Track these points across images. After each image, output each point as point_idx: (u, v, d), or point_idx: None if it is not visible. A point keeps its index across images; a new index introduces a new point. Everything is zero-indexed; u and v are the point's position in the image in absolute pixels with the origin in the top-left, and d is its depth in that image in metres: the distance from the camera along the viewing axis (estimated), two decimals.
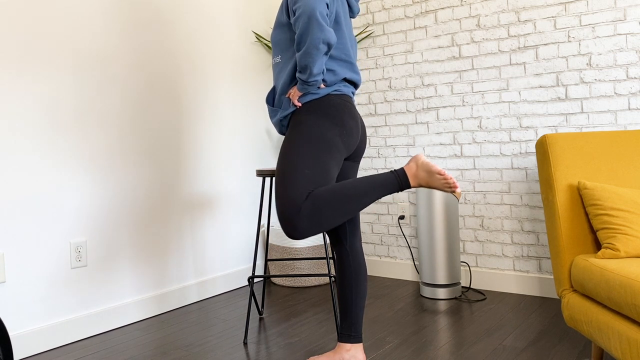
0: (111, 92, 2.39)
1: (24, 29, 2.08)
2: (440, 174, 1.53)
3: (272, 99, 1.82)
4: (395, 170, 1.60)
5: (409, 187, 1.57)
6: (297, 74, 1.63)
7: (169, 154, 2.65)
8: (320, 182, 1.57)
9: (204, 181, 2.83)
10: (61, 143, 2.20)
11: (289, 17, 1.71)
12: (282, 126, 1.78)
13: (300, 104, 1.68)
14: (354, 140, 1.71)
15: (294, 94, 1.68)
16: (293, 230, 1.53)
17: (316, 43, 1.55)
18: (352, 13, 1.85)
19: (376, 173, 1.57)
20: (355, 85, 1.80)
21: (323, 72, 1.63)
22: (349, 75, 1.75)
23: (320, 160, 1.60)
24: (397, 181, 1.56)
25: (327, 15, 1.59)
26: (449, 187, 1.54)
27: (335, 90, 1.70)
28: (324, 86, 1.69)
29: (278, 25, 1.76)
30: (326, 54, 1.59)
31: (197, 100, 2.81)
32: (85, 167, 2.28)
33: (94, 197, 2.31)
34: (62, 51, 2.20)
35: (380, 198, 1.55)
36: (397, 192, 1.57)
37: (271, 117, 1.80)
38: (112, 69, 2.40)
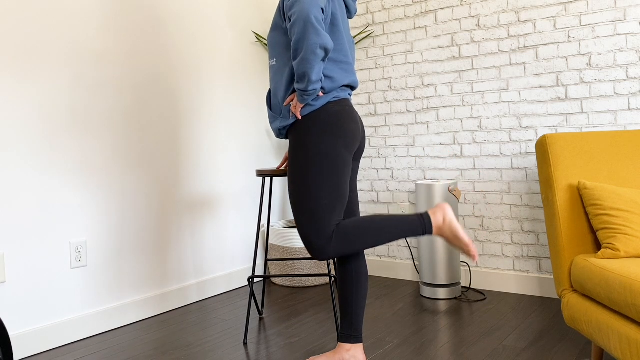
0: (110, 92, 2.39)
1: (18, 29, 2.09)
2: (466, 245, 1.60)
3: (270, 103, 1.80)
4: (422, 215, 1.63)
5: (430, 234, 1.63)
6: (296, 85, 1.60)
7: (169, 154, 2.65)
8: (340, 207, 1.64)
9: (204, 181, 2.84)
10: (61, 143, 2.20)
11: (284, 21, 1.69)
12: (281, 134, 1.77)
13: (300, 117, 1.66)
14: (357, 142, 1.72)
15: (296, 106, 1.65)
16: (321, 256, 1.62)
17: (313, 48, 1.53)
18: (350, 13, 1.84)
19: (404, 214, 1.64)
20: (352, 88, 1.79)
21: (321, 80, 1.61)
22: (348, 80, 1.73)
23: (332, 183, 1.62)
24: (422, 229, 1.62)
25: (322, 20, 1.57)
26: (468, 255, 1.62)
27: (333, 98, 1.68)
28: (322, 94, 1.67)
29: (275, 27, 1.74)
30: (323, 60, 1.57)
31: (197, 100, 2.81)
32: (85, 167, 2.28)
33: (94, 197, 2.31)
34: (59, 53, 2.20)
35: (408, 237, 1.63)
36: (423, 236, 1.64)
37: (270, 121, 1.79)
38: (111, 69, 2.40)
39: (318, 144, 1.63)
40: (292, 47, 1.58)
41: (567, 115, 2.55)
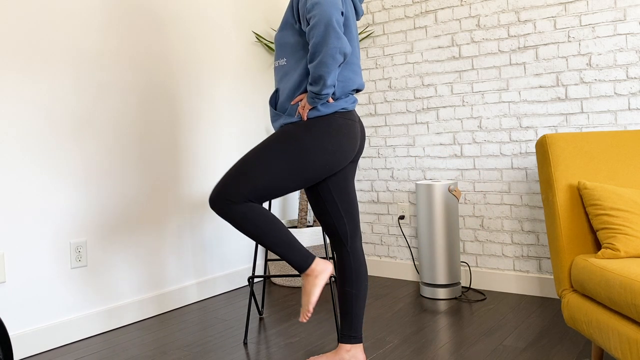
0: (110, 93, 2.39)
1: (20, 30, 2.09)
2: (307, 310, 1.65)
3: (275, 102, 1.79)
4: (311, 257, 1.66)
5: (300, 273, 1.67)
6: (309, 87, 1.59)
7: (169, 154, 2.65)
8: (264, 198, 1.65)
9: (204, 181, 2.84)
10: (61, 143, 2.20)
11: (297, 21, 1.68)
12: None
13: (306, 118, 1.66)
14: (346, 161, 1.71)
15: (305, 107, 1.64)
16: (213, 205, 1.63)
17: (333, 52, 1.52)
18: (357, 15, 1.83)
19: (304, 247, 1.72)
20: (358, 91, 1.79)
21: (335, 85, 1.60)
22: (357, 84, 1.72)
23: (281, 183, 1.63)
24: (301, 264, 1.65)
25: (342, 23, 1.57)
26: (303, 311, 1.66)
27: (341, 109, 1.67)
28: (332, 100, 1.66)
29: (285, 26, 1.72)
30: (340, 65, 1.57)
31: (197, 100, 2.81)
32: (86, 167, 2.28)
33: (94, 197, 2.31)
34: (60, 54, 2.20)
35: (286, 260, 1.66)
36: (295, 269, 1.68)
37: (272, 120, 1.77)
38: (112, 70, 2.40)
39: (306, 146, 1.62)
40: (310, 50, 1.56)
41: (567, 115, 2.55)
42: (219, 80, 2.95)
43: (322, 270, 1.65)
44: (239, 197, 1.60)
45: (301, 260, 1.64)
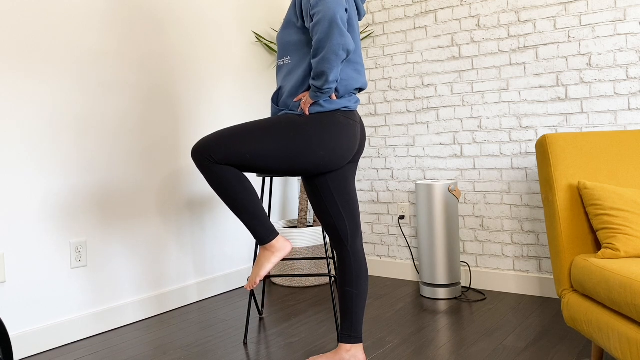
0: (112, 93, 2.39)
1: (22, 33, 2.09)
2: (254, 281, 1.67)
3: (277, 100, 1.80)
4: (274, 232, 1.67)
5: (261, 244, 1.68)
6: (311, 81, 1.60)
7: (169, 154, 2.65)
8: (245, 168, 1.65)
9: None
10: (62, 143, 2.20)
11: (300, 19, 1.68)
12: None
13: (308, 113, 1.66)
14: (342, 161, 1.71)
15: (307, 101, 1.65)
16: (194, 159, 1.64)
17: (336, 49, 1.53)
18: (359, 16, 1.84)
19: (271, 223, 1.73)
20: (361, 90, 1.80)
21: (337, 81, 1.61)
22: (360, 83, 1.73)
23: (269, 160, 1.63)
24: (263, 238, 1.66)
25: (346, 20, 1.57)
26: (250, 281, 1.68)
27: (344, 107, 1.68)
28: (335, 97, 1.67)
29: (288, 25, 1.73)
30: (343, 61, 1.58)
31: (197, 100, 2.81)
32: (86, 167, 2.28)
33: (94, 197, 2.31)
34: (62, 54, 2.20)
35: (249, 229, 1.67)
36: (256, 240, 1.70)
37: (273, 115, 1.79)
38: (113, 70, 2.40)
39: (307, 134, 1.63)
40: (313, 46, 1.57)
41: (567, 115, 2.55)
42: (220, 80, 2.95)
43: (280, 248, 1.67)
44: (222, 158, 1.61)
45: (264, 233, 1.66)
